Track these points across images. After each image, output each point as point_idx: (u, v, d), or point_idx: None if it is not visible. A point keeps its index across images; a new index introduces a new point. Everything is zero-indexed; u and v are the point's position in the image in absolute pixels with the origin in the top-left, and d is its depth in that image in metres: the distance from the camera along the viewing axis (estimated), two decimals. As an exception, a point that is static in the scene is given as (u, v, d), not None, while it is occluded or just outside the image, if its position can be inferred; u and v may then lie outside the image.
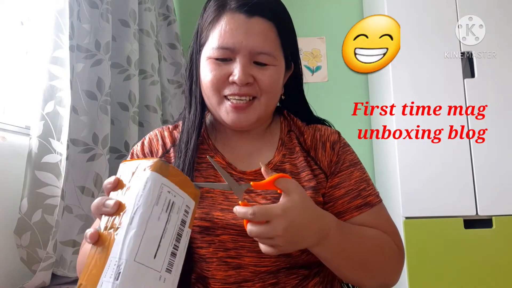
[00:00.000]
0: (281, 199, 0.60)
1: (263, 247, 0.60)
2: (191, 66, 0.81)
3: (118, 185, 0.55)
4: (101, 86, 1.34)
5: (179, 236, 0.53)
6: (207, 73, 0.74)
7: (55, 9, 1.18)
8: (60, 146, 1.13)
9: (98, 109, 1.33)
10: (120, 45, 1.52)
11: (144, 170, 0.53)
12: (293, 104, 0.87)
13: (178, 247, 0.53)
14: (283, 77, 0.79)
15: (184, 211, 0.55)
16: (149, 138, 0.84)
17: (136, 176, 0.53)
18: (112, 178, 0.55)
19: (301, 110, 0.87)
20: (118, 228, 0.49)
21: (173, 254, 0.52)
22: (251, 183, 0.61)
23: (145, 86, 1.63)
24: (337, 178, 0.78)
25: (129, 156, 0.83)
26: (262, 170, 0.63)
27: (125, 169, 0.55)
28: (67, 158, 1.12)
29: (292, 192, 0.60)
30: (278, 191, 0.61)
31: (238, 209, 0.58)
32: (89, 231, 0.51)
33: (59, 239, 1.14)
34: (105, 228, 0.51)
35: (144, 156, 0.81)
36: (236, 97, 0.73)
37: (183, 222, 0.54)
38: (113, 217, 0.51)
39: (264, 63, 0.73)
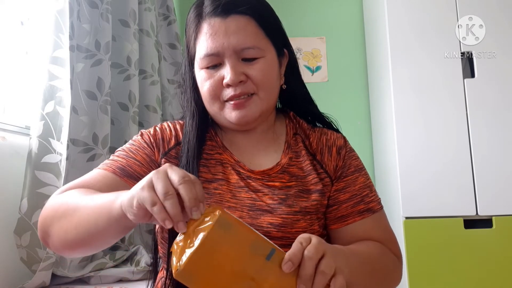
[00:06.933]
0: None
1: None
2: (185, 81, 0.82)
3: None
4: (101, 86, 1.34)
5: None
6: (203, 84, 0.76)
7: (55, 9, 1.17)
8: (60, 146, 1.13)
9: (98, 109, 1.32)
10: (120, 45, 1.52)
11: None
12: (296, 96, 0.86)
13: None
14: (277, 66, 0.79)
15: None
16: (162, 127, 0.83)
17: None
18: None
19: (302, 98, 0.86)
20: None
21: None
22: None
23: (145, 86, 1.63)
24: (343, 182, 0.79)
25: (139, 135, 0.81)
26: None
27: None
28: (67, 158, 1.12)
29: None
30: None
31: None
32: None
33: (59, 239, 1.14)
34: None
35: (155, 140, 0.79)
36: (235, 99, 0.74)
37: None
38: None
39: (252, 58, 0.74)
